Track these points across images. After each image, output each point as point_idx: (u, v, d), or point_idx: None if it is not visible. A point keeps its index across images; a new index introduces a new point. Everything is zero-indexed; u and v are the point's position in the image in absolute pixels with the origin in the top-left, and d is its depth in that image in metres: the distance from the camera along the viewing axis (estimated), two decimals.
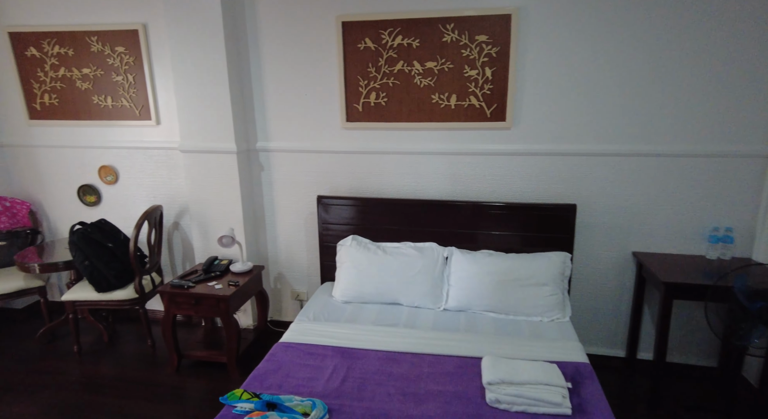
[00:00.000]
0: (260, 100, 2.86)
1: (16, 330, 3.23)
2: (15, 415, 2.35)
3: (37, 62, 3.04)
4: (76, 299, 2.78)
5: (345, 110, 2.73)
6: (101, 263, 2.76)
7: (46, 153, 3.21)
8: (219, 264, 2.87)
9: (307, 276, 3.11)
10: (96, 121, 3.07)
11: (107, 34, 2.89)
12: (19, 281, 2.95)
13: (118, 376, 2.68)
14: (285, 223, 3.05)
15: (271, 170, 2.96)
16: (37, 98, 3.11)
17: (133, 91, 2.97)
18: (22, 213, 3.25)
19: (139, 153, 3.08)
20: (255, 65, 2.80)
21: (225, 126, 2.76)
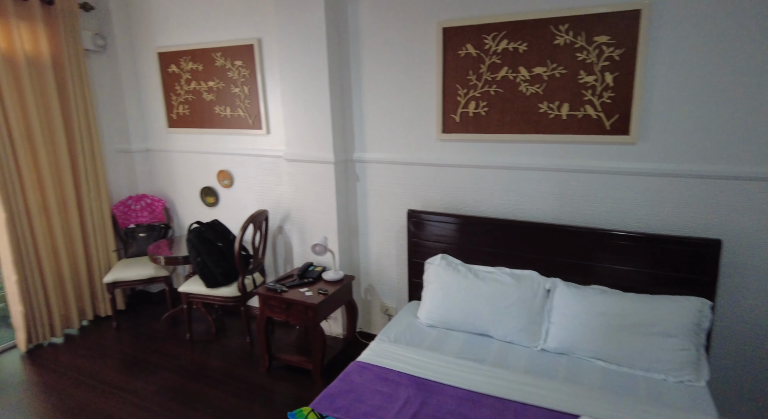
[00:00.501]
0: (359, 111, 2.84)
1: (149, 311, 3.71)
2: (133, 389, 2.67)
3: (176, 77, 3.44)
4: (189, 292, 3.08)
5: (441, 120, 2.57)
6: (211, 260, 3.01)
7: (178, 157, 3.63)
8: (313, 271, 2.94)
9: (396, 291, 3.03)
10: (217, 129, 3.37)
11: (229, 49, 3.14)
12: (151, 269, 3.37)
13: (216, 368, 2.89)
14: (377, 235, 3.00)
15: (365, 181, 2.94)
16: (174, 109, 3.52)
17: (247, 102, 3.19)
18: (159, 210, 3.73)
19: (251, 160, 3.30)
20: (355, 77, 2.79)
21: (324, 136, 2.80)
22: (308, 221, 3.03)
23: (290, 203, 3.09)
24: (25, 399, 2.61)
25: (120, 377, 2.80)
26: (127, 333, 3.36)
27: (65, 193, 3.26)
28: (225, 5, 3.09)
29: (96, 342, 3.24)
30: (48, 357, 3.06)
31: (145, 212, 3.70)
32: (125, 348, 3.15)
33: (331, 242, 2.96)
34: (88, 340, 3.27)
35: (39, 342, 3.19)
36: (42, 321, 3.17)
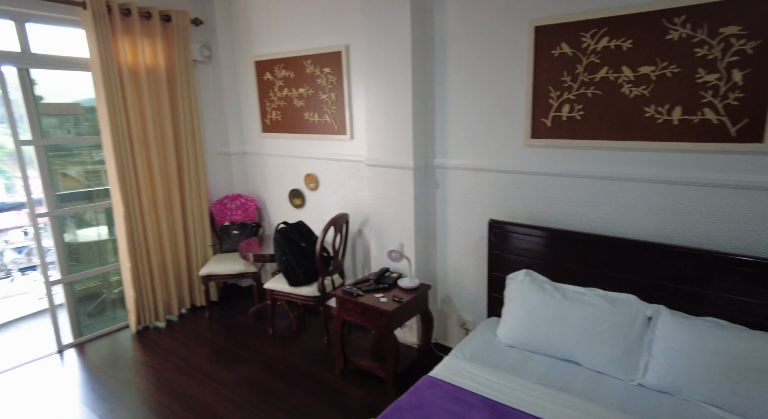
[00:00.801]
0: (441, 116, 2.76)
1: (238, 304, 3.97)
2: (219, 378, 2.85)
3: (270, 85, 3.63)
4: (274, 289, 3.22)
5: (530, 125, 2.40)
6: (294, 260, 3.12)
7: (270, 160, 3.83)
8: (389, 276, 2.91)
9: (474, 305, 2.89)
10: (306, 134, 3.50)
11: (319, 56, 3.24)
12: (241, 265, 3.59)
13: (294, 365, 2.99)
14: (455, 244, 2.89)
15: (445, 188, 2.84)
16: (268, 115, 3.73)
17: (334, 108, 3.26)
18: (251, 209, 3.97)
19: (335, 164, 3.37)
20: (439, 81, 2.72)
21: (405, 142, 2.76)
22: (386, 226, 3.02)
23: (369, 208, 3.09)
24: (131, 376, 2.91)
25: (209, 365, 3.01)
26: (218, 323, 3.62)
27: (171, 191, 3.60)
28: (317, 13, 3.19)
29: (191, 330, 3.52)
30: (152, 339, 3.39)
31: (239, 210, 3.96)
32: (215, 337, 3.39)
33: (408, 249, 2.91)
34: (184, 327, 3.57)
35: (146, 324, 3.56)
36: (148, 306, 3.54)
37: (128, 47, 3.24)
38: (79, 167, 3.56)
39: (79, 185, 3.55)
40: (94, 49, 3.04)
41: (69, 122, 3.52)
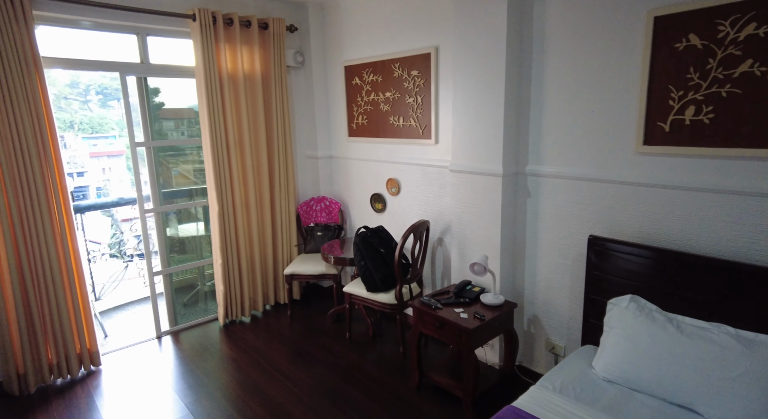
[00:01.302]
0: (537, 119, 2.53)
1: (319, 305, 4.02)
2: (295, 379, 2.88)
3: (358, 89, 3.64)
4: (351, 293, 3.20)
5: (643, 130, 2.09)
6: (373, 265, 3.07)
7: (354, 164, 3.84)
8: (470, 290, 2.74)
9: (566, 329, 2.60)
10: (390, 138, 3.44)
11: (407, 59, 3.17)
12: (322, 266, 3.63)
13: (369, 373, 2.92)
14: (547, 260, 2.62)
15: (538, 198, 2.60)
16: (354, 119, 3.74)
17: (419, 112, 3.16)
18: (335, 212, 4.01)
19: (418, 169, 3.27)
20: (536, 81, 2.49)
21: (494, 147, 2.58)
22: (469, 236, 2.84)
23: (451, 216, 2.94)
24: (216, 369, 3.06)
25: (286, 364, 3.06)
26: (298, 322, 3.69)
27: (262, 192, 3.75)
28: (407, 15, 3.12)
29: (273, 327, 3.63)
30: (237, 333, 3.55)
31: (323, 212, 4.02)
32: (295, 336, 3.45)
33: (493, 263, 2.71)
34: (267, 324, 3.69)
35: (233, 318, 3.74)
36: (236, 301, 3.71)
37: (229, 55, 3.43)
38: (188, 167, 3.87)
39: (185, 183, 3.85)
40: (199, 58, 3.26)
41: (183, 124, 3.84)
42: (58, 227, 2.79)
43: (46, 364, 2.86)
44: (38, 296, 2.78)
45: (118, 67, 3.14)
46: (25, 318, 2.75)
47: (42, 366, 2.85)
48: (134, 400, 2.72)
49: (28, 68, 2.60)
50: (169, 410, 2.61)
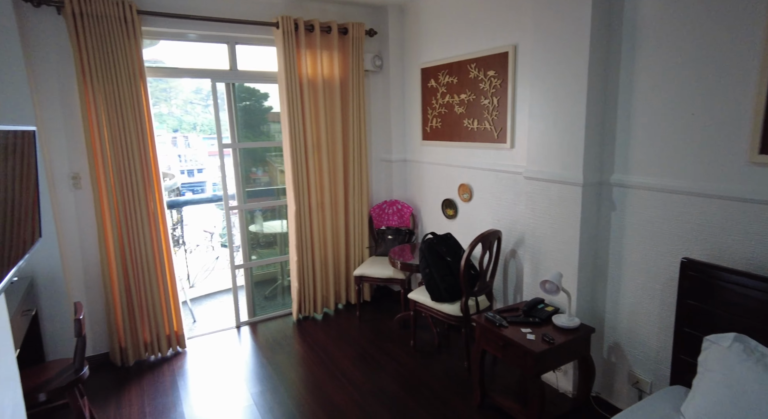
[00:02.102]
0: (625, 121, 2.23)
1: (388, 308, 4.01)
2: (356, 382, 2.89)
3: (433, 92, 3.54)
4: (416, 300, 3.12)
5: (760, 136, 1.73)
6: (438, 274, 2.96)
7: (427, 168, 3.75)
8: (542, 309, 2.51)
9: (654, 362, 2.27)
10: (463, 142, 3.30)
11: (483, 59, 3.01)
12: (391, 270, 3.60)
13: (430, 386, 2.83)
14: (633, 282, 2.31)
15: (624, 211, 2.29)
16: (429, 122, 3.65)
17: (495, 114, 2.99)
18: (407, 215, 3.96)
19: (491, 175, 3.09)
20: (625, 78, 2.20)
21: (574, 153, 2.33)
22: (543, 250, 2.61)
23: (525, 227, 2.72)
24: (284, 363, 3.18)
25: (349, 366, 3.08)
26: (366, 324, 3.70)
27: (337, 194, 3.82)
28: (485, 13, 2.97)
29: (342, 327, 3.69)
30: (308, 330, 3.67)
31: (395, 216, 4.00)
32: (361, 338, 3.47)
33: (569, 281, 2.46)
34: (337, 323, 3.76)
35: (306, 314, 3.87)
36: (309, 298, 3.83)
37: (309, 60, 3.54)
38: (270, 168, 4.10)
39: (273, 182, 4.10)
40: (281, 64, 3.41)
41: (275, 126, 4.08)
42: (152, 220, 3.10)
43: (141, 342, 3.20)
44: (137, 282, 3.11)
45: (210, 74, 3.41)
46: (127, 300, 3.10)
47: (139, 343, 3.20)
48: (208, 384, 2.93)
49: (135, 77, 2.92)
50: (236, 398, 2.77)
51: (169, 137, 21.66)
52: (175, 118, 22.55)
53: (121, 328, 3.11)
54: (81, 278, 3.04)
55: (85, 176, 2.96)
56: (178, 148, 22.29)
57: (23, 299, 2.41)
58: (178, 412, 2.63)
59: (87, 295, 3.07)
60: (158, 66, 3.23)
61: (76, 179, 2.95)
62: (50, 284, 2.79)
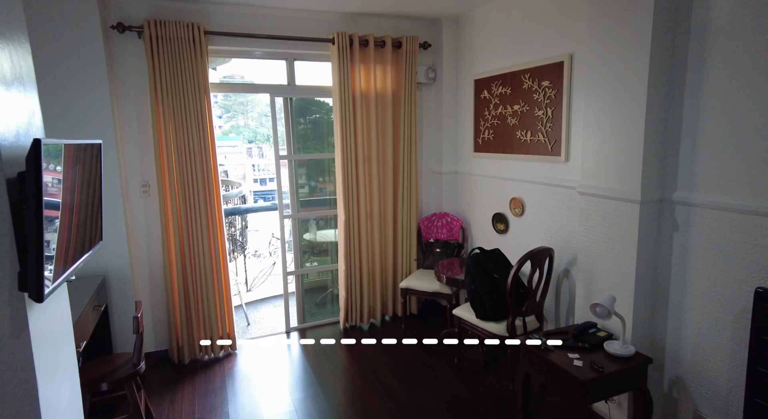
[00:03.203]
0: (690, 135, 2.04)
1: (434, 322, 3.94)
2: (396, 397, 2.85)
3: (486, 103, 3.47)
4: (461, 317, 3.04)
5: None
6: (484, 291, 2.86)
7: (478, 181, 3.67)
8: (594, 334, 2.34)
9: (724, 403, 2.02)
10: (516, 154, 3.19)
11: (537, 69, 2.90)
12: (437, 285, 3.54)
13: (473, 408, 2.72)
14: (699, 312, 2.08)
15: (689, 232, 2.08)
16: (480, 134, 3.57)
17: (549, 126, 2.86)
18: (456, 228, 3.88)
19: (544, 189, 2.95)
20: (692, 88, 2.02)
21: (631, 167, 2.17)
22: (597, 271, 2.44)
23: (579, 245, 2.56)
24: (327, 370, 3.22)
25: (391, 380, 3.05)
26: (411, 338, 3.66)
27: (386, 205, 3.84)
28: (540, 21, 2.87)
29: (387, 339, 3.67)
30: (354, 339, 3.69)
31: (444, 229, 3.93)
32: (405, 352, 3.43)
33: (623, 305, 2.27)
34: (382, 335, 3.75)
35: (353, 323, 3.90)
36: (356, 308, 3.87)
37: (363, 74, 3.62)
38: (326, 178, 4.22)
39: (332, 192, 4.23)
40: (335, 78, 3.51)
41: None
42: (211, 227, 3.29)
43: (197, 341, 3.40)
44: (194, 285, 3.32)
45: (269, 89, 3.58)
46: (185, 301, 3.31)
47: (194, 343, 3.39)
48: (254, 387, 3.03)
49: (200, 93, 3.15)
50: (278, 403, 2.84)
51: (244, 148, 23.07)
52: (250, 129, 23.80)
53: (179, 327, 3.32)
54: (146, 278, 3.29)
55: (153, 184, 3.22)
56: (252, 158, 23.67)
57: (95, 295, 2.66)
58: (224, 412, 2.74)
59: (151, 294, 3.31)
60: (221, 82, 3.46)
61: (146, 187, 3.22)
62: (119, 282, 3.05)
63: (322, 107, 4.16)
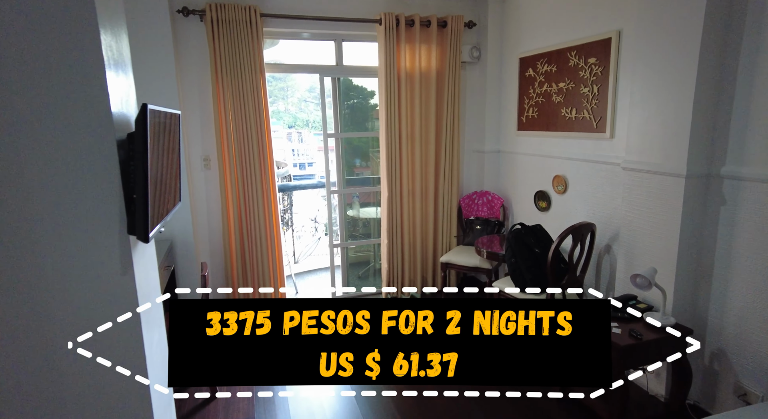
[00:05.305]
0: (742, 107, 2.04)
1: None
2: None
3: (531, 81, 3.50)
4: (501, 289, 3.14)
5: None
6: (524, 264, 2.95)
7: (521, 159, 3.71)
8: (634, 306, 2.40)
9: (765, 373, 2.05)
10: (560, 132, 3.22)
11: (584, 46, 2.91)
12: (477, 259, 3.65)
13: None
14: (744, 285, 2.10)
15: (737, 206, 2.10)
16: (525, 112, 3.61)
17: (595, 103, 2.87)
18: (497, 206, 3.96)
19: (588, 166, 2.98)
20: (747, 58, 2.00)
21: (678, 141, 2.18)
22: (638, 245, 2.48)
23: (622, 221, 2.60)
24: None
25: None
26: None
27: (427, 182, 3.96)
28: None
29: None
30: None
31: (485, 207, 4.01)
32: None
33: (665, 278, 2.31)
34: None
35: (393, 294, 4.08)
36: (397, 280, 4.04)
37: (408, 54, 3.71)
38: (372, 162, 4.39)
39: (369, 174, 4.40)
40: (382, 58, 3.63)
41: None
42: (266, 200, 3.53)
43: None
44: (250, 251, 3.57)
45: (319, 69, 3.75)
46: (241, 267, 3.57)
47: None
48: None
49: (256, 73, 3.35)
50: None
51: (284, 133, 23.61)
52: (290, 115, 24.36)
53: (236, 291, 3.60)
54: (207, 244, 3.58)
55: (213, 158, 3.47)
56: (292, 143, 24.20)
57: (165, 257, 2.94)
58: None
59: (211, 259, 3.60)
60: (276, 63, 3.64)
61: (207, 161, 3.48)
62: (184, 247, 3.34)
63: (361, 92, 4.29)
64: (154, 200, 1.48)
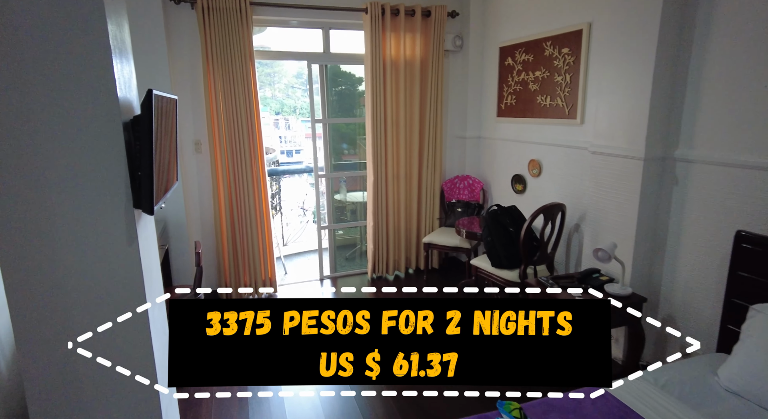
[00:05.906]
0: (693, 97, 2.25)
1: (453, 276, 4.28)
2: None
3: (509, 69, 3.67)
4: (478, 266, 3.36)
5: None
6: (500, 243, 3.16)
7: (500, 145, 3.91)
8: (596, 278, 2.62)
9: (706, 335, 2.30)
10: (536, 118, 3.41)
11: (558, 37, 3.09)
12: (457, 240, 3.86)
13: None
14: (690, 257, 2.34)
15: (687, 186, 2.32)
16: (504, 99, 3.79)
17: (567, 91, 3.07)
18: (477, 190, 4.16)
19: (561, 151, 3.18)
20: (697, 53, 2.20)
21: (637, 127, 2.39)
22: (603, 223, 2.70)
23: (589, 201, 2.81)
24: None
25: None
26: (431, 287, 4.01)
27: (411, 167, 4.13)
28: None
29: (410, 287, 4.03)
30: (379, 286, 4.07)
31: (465, 190, 4.21)
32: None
33: (624, 252, 2.54)
34: (405, 284, 4.12)
35: (379, 274, 4.28)
36: (382, 260, 4.23)
37: (393, 42, 3.85)
38: (359, 149, 4.54)
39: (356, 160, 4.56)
40: (367, 46, 3.76)
41: None
42: (255, 183, 3.67)
43: (242, 284, 3.84)
44: (241, 233, 3.73)
45: (306, 56, 3.87)
46: (232, 247, 3.73)
47: (240, 285, 3.84)
48: None
49: (245, 60, 3.46)
50: None
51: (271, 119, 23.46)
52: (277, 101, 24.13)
53: (227, 271, 3.76)
54: (199, 225, 3.72)
55: (204, 142, 3.60)
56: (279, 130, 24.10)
57: (160, 236, 3.09)
58: None
59: (203, 239, 3.75)
60: (265, 50, 3.76)
61: (198, 145, 3.60)
62: (177, 227, 3.48)
63: (349, 78, 4.42)
64: (158, 176, 1.63)
